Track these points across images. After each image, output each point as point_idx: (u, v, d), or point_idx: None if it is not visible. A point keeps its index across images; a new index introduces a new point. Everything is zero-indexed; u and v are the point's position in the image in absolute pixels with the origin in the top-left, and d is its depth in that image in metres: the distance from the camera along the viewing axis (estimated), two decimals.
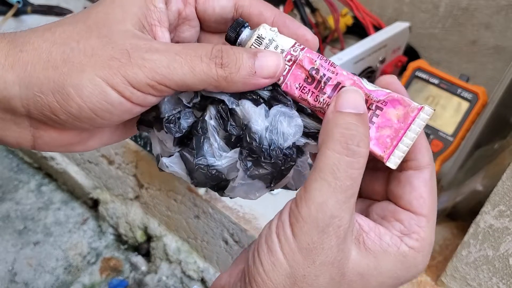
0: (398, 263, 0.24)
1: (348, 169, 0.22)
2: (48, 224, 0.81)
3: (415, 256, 0.24)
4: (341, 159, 0.22)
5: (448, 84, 0.60)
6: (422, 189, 0.25)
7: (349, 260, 0.23)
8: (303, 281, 0.22)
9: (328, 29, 0.77)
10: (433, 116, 0.59)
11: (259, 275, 0.23)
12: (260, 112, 0.24)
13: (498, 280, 0.52)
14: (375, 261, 0.24)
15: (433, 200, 0.25)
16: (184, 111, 0.25)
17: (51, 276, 0.75)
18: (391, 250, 0.24)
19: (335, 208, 0.22)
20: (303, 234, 0.22)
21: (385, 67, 0.67)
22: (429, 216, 0.25)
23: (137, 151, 0.70)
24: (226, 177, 0.25)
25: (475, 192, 0.59)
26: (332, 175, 0.22)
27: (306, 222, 0.22)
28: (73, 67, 0.23)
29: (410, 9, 0.95)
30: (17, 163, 0.90)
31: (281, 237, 0.23)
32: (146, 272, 0.75)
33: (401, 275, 0.24)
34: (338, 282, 0.23)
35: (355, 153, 0.22)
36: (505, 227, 0.49)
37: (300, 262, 0.22)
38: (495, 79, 0.86)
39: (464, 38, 0.91)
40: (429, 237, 0.25)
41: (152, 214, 0.75)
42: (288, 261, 0.22)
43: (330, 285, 0.23)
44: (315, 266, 0.22)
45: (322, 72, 0.25)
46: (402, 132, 0.24)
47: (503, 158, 0.57)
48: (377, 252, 0.24)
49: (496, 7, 0.85)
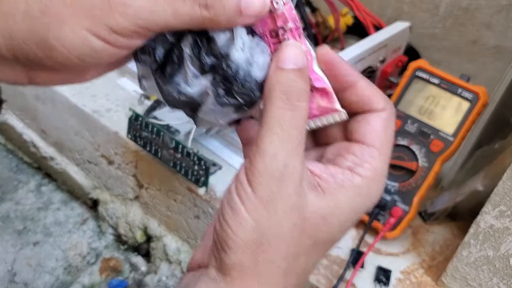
0: (354, 196, 0.25)
1: (292, 121, 0.24)
2: (48, 224, 0.81)
3: (369, 185, 0.26)
4: (285, 113, 0.24)
5: (448, 84, 0.60)
6: (378, 124, 0.26)
7: (309, 205, 0.24)
8: (269, 232, 0.24)
9: (328, 28, 0.77)
10: (433, 116, 0.60)
11: (228, 236, 0.24)
12: (242, 42, 0.24)
13: (498, 280, 0.52)
14: (333, 200, 0.25)
15: (388, 137, 0.27)
16: (159, 38, 0.25)
17: (51, 276, 0.75)
18: (345, 185, 0.25)
19: (287, 157, 0.23)
20: (262, 187, 0.23)
21: (386, 66, 0.67)
22: (382, 149, 0.26)
23: (136, 151, 0.70)
24: (199, 102, 0.25)
25: (475, 192, 0.59)
26: (279, 128, 0.23)
27: (263, 175, 0.23)
28: (53, 17, 0.23)
29: (410, 9, 0.95)
30: (17, 163, 0.90)
31: (242, 196, 0.24)
32: (146, 272, 0.75)
33: (359, 207, 0.26)
34: (301, 228, 0.24)
35: (297, 107, 0.24)
36: (506, 227, 0.49)
37: (263, 215, 0.23)
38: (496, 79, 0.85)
39: (465, 38, 0.91)
40: (381, 167, 0.26)
41: (152, 214, 0.75)
42: (252, 216, 0.24)
43: (294, 231, 0.24)
44: (278, 215, 0.24)
45: (287, 36, 0.25)
46: (313, 116, 0.26)
47: (503, 158, 0.57)
48: (333, 191, 0.25)
49: (496, 7, 0.85)
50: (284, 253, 0.24)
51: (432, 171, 0.58)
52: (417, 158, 0.59)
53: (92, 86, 0.79)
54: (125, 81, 0.80)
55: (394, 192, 0.59)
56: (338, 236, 0.26)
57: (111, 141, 0.73)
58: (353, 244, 0.60)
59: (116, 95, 0.78)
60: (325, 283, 0.55)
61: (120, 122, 0.73)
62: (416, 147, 0.59)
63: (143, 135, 0.64)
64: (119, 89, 0.79)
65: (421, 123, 0.60)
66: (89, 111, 0.74)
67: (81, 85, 0.79)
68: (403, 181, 0.59)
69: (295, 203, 0.24)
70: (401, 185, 0.59)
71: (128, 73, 0.80)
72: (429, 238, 0.63)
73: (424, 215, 0.65)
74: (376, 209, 0.58)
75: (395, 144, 0.60)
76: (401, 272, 0.58)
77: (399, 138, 0.60)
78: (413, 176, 0.59)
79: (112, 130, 0.72)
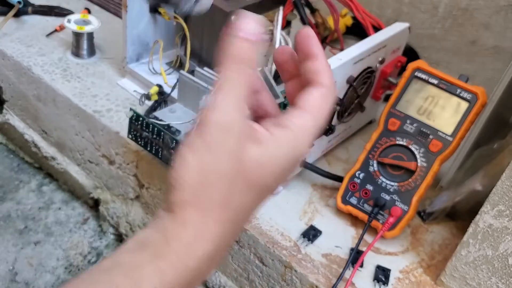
0: (285, 146, 0.29)
1: (239, 82, 0.28)
2: (49, 224, 0.81)
3: (297, 138, 0.30)
4: (234, 76, 0.28)
5: (447, 84, 0.60)
6: (317, 96, 0.31)
7: (247, 152, 0.28)
8: (210, 174, 0.27)
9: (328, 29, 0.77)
10: (432, 116, 0.60)
11: (175, 178, 0.28)
12: None
13: (497, 279, 0.52)
14: (267, 150, 0.29)
15: (322, 109, 0.31)
16: None
17: (52, 276, 0.75)
18: (278, 134, 0.29)
19: (231, 112, 0.28)
20: (207, 135, 0.27)
21: (385, 67, 0.68)
22: (315, 115, 0.30)
23: (137, 151, 0.70)
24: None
25: (474, 192, 0.60)
26: (228, 86, 0.28)
27: (208, 126, 0.27)
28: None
29: (409, 9, 0.95)
30: (18, 163, 0.90)
31: (190, 144, 0.28)
32: None
33: (289, 157, 0.30)
34: (238, 171, 0.28)
35: (243, 73, 0.28)
36: (504, 226, 0.50)
37: (206, 159, 0.27)
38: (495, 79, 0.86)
39: (464, 39, 0.91)
40: (310, 127, 0.30)
41: (153, 214, 0.75)
42: (196, 160, 0.27)
43: (232, 173, 0.28)
44: (219, 159, 0.27)
45: None
46: None
47: (502, 158, 0.57)
48: (268, 140, 0.29)
49: (495, 8, 0.85)
50: (223, 192, 0.28)
51: (431, 171, 0.58)
52: (416, 158, 0.59)
53: (93, 86, 0.79)
54: (126, 81, 0.81)
55: (393, 192, 0.59)
56: (271, 182, 0.30)
57: (112, 141, 0.74)
58: (353, 243, 0.60)
59: (116, 95, 0.78)
60: (325, 282, 0.55)
61: (121, 122, 0.73)
62: (415, 147, 0.59)
63: (143, 135, 0.64)
64: (120, 89, 0.80)
65: (420, 123, 0.60)
66: (90, 111, 0.75)
67: (82, 86, 0.79)
68: (402, 181, 0.59)
69: (235, 150, 0.28)
70: (400, 185, 0.59)
71: (129, 74, 0.80)
72: (428, 238, 0.63)
73: (423, 214, 0.65)
74: (375, 209, 0.59)
75: (394, 143, 0.60)
76: (400, 272, 0.58)
77: (398, 138, 0.60)
78: (412, 176, 0.59)
79: (113, 130, 0.72)
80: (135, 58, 0.79)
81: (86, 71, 0.82)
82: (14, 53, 0.83)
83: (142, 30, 0.77)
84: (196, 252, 0.28)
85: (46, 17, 0.94)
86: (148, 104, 0.72)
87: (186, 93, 0.68)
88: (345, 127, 0.71)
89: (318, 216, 0.63)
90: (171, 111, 0.69)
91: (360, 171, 0.61)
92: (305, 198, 0.65)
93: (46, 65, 0.82)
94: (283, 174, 0.30)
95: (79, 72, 0.82)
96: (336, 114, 0.64)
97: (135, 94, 0.78)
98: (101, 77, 0.82)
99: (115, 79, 0.81)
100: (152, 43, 0.78)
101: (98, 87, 0.79)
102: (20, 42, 0.86)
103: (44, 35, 0.89)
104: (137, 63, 0.80)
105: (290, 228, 0.61)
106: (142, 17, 0.75)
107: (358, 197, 0.60)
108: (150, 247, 0.27)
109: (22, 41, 0.87)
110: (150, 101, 0.72)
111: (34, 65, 0.82)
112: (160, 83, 0.73)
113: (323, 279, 0.56)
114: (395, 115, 0.61)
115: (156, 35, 0.78)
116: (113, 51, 0.87)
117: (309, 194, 0.66)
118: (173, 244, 0.27)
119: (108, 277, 0.27)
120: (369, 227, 0.59)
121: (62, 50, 0.86)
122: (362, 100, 0.69)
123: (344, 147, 0.75)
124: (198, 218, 0.28)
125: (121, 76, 0.82)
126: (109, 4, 0.99)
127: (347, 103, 0.65)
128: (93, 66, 0.84)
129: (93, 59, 0.85)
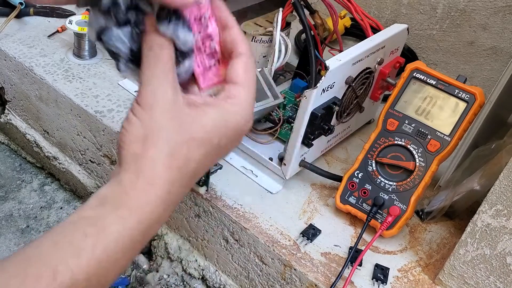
0: (222, 112, 0.34)
1: (162, 61, 0.33)
2: (51, 223, 0.82)
3: (236, 108, 0.34)
4: (156, 58, 0.33)
5: (445, 84, 0.61)
6: (240, 67, 0.35)
7: (183, 109, 0.33)
8: (151, 127, 0.32)
9: (327, 30, 0.77)
10: (430, 116, 0.60)
11: (122, 136, 0.32)
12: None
13: (495, 279, 0.52)
14: (203, 111, 0.33)
15: (249, 75, 0.35)
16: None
17: None
18: (214, 104, 0.34)
19: (159, 82, 0.32)
20: (144, 99, 0.32)
21: (383, 68, 0.68)
22: (245, 84, 0.34)
23: None
24: None
25: (472, 191, 0.60)
26: (154, 65, 0.33)
27: (143, 93, 0.33)
28: None
29: (408, 10, 0.96)
30: (20, 163, 0.91)
31: (132, 109, 0.33)
32: (147, 270, 0.75)
33: (233, 120, 0.34)
34: (178, 121, 0.32)
35: (164, 54, 0.33)
36: (502, 226, 0.50)
37: (146, 116, 0.32)
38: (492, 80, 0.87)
39: (462, 39, 0.92)
40: (245, 96, 0.34)
41: None
42: (138, 118, 0.32)
43: (171, 124, 0.32)
44: (157, 114, 0.32)
45: (207, 22, 0.34)
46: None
47: (500, 158, 0.58)
48: (204, 107, 0.33)
49: (493, 9, 0.86)
50: (165, 140, 0.32)
51: (429, 171, 0.59)
52: (415, 157, 0.60)
53: (95, 87, 0.80)
54: (127, 82, 0.81)
55: (392, 191, 0.60)
56: (217, 141, 0.34)
57: (113, 141, 0.74)
58: (352, 242, 0.61)
59: (118, 96, 0.79)
60: (324, 281, 0.56)
61: (122, 123, 0.73)
62: (413, 147, 0.60)
63: None
64: (121, 89, 0.80)
65: (419, 123, 0.61)
66: (92, 112, 0.75)
67: (83, 86, 0.80)
68: (400, 181, 0.60)
69: (170, 106, 0.32)
70: (398, 184, 0.59)
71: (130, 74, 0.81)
72: (426, 237, 0.64)
73: (421, 214, 0.66)
74: (374, 208, 0.59)
75: (393, 143, 0.61)
76: (398, 270, 0.59)
77: (397, 138, 0.61)
78: (410, 175, 0.59)
79: (114, 130, 0.73)
80: None
81: (88, 72, 0.83)
82: (16, 54, 0.84)
83: None
84: (149, 197, 0.31)
85: (47, 18, 0.95)
86: None
87: None
88: (344, 127, 0.72)
89: (317, 215, 0.64)
90: None
91: (359, 171, 0.62)
92: (304, 198, 0.66)
93: (48, 66, 0.83)
94: (229, 137, 0.34)
95: (80, 72, 0.83)
96: (335, 115, 0.64)
97: (136, 94, 0.79)
98: (102, 78, 0.82)
99: (116, 79, 0.82)
100: None
101: (99, 88, 0.80)
102: (22, 43, 0.87)
103: (46, 36, 0.90)
104: None
105: (289, 227, 0.61)
106: None
107: (357, 197, 0.61)
108: (109, 200, 0.31)
109: (24, 42, 0.87)
110: None
111: (36, 65, 0.82)
112: None
113: (322, 278, 0.56)
114: (393, 115, 0.62)
115: None
116: None
117: (309, 194, 0.67)
118: (130, 193, 0.31)
119: (75, 226, 0.30)
120: (368, 226, 0.59)
121: (64, 51, 0.87)
122: (361, 100, 0.69)
123: (343, 147, 0.75)
124: (148, 166, 0.31)
125: (122, 77, 0.82)
126: None
127: (346, 103, 0.66)
128: (94, 66, 0.84)
129: (95, 59, 0.86)
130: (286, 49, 0.70)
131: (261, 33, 0.69)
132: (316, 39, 0.72)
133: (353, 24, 0.95)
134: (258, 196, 0.65)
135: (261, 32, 0.69)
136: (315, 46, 0.67)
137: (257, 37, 0.70)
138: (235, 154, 0.70)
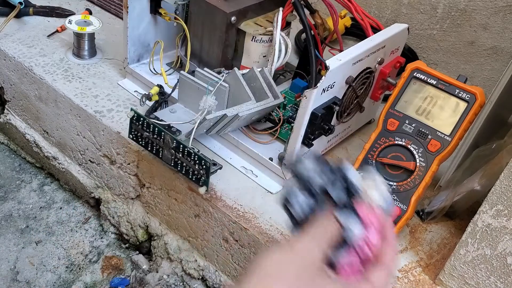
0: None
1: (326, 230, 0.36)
2: (50, 223, 0.81)
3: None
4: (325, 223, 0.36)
5: (446, 84, 0.60)
6: (381, 274, 0.36)
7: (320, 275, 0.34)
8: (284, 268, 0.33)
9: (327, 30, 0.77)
10: (431, 116, 0.60)
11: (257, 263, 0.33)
12: None
13: (495, 279, 0.52)
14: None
15: (385, 277, 0.36)
16: None
17: (53, 275, 0.75)
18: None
19: (316, 246, 0.35)
20: (295, 246, 0.34)
21: (384, 67, 0.68)
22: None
23: (138, 151, 0.71)
24: None
25: (473, 191, 0.60)
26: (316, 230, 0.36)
27: (297, 244, 0.35)
28: None
29: (408, 10, 0.95)
30: (20, 163, 0.91)
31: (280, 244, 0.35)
32: (147, 270, 0.75)
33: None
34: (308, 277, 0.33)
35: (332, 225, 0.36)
36: (503, 226, 0.50)
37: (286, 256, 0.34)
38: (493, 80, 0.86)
39: (462, 39, 0.92)
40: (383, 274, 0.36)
41: (153, 213, 0.75)
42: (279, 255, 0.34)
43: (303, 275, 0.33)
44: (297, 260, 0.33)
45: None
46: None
47: (500, 158, 0.58)
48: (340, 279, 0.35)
49: (493, 8, 0.86)
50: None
51: (430, 171, 0.59)
52: (415, 157, 0.59)
53: (94, 87, 0.80)
54: (127, 82, 0.81)
55: (392, 191, 0.59)
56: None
57: (113, 141, 0.74)
58: None
59: (117, 96, 0.79)
60: None
61: (121, 123, 0.73)
62: (413, 147, 0.60)
63: (144, 135, 0.64)
64: (121, 89, 0.80)
65: (419, 123, 0.60)
66: (91, 112, 0.75)
67: (83, 86, 0.80)
68: (401, 181, 0.60)
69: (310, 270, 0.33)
70: (399, 185, 0.59)
71: (130, 74, 0.81)
72: (427, 237, 0.64)
73: (422, 214, 0.66)
74: None
75: (393, 143, 0.61)
76: (399, 271, 0.59)
77: (397, 138, 0.61)
78: (411, 175, 0.59)
79: (114, 130, 0.73)
80: (135, 59, 0.80)
81: (87, 72, 0.83)
82: (15, 53, 0.84)
83: (142, 31, 0.77)
84: None
85: (47, 18, 0.95)
86: (148, 104, 0.72)
87: (186, 94, 0.69)
88: (344, 127, 0.72)
89: None
90: (172, 111, 0.69)
91: (359, 171, 0.61)
92: None
93: (47, 66, 0.83)
94: None
95: (80, 72, 0.83)
96: (336, 114, 0.64)
97: (136, 94, 0.79)
98: (102, 78, 0.82)
99: (116, 79, 0.82)
100: (153, 44, 0.78)
101: (99, 88, 0.80)
102: (21, 43, 0.87)
103: (45, 36, 0.90)
104: (138, 63, 0.80)
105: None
106: (143, 18, 0.76)
107: None
108: None
109: (23, 41, 0.87)
110: (151, 101, 0.72)
111: (36, 65, 0.82)
112: (160, 84, 0.73)
113: None
114: (394, 115, 0.62)
115: (156, 36, 0.79)
116: (114, 52, 0.88)
117: None
118: None
119: None
120: None
121: (63, 51, 0.87)
122: (361, 100, 0.69)
123: (343, 147, 0.75)
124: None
125: (122, 77, 0.82)
126: (110, 5, 1.00)
127: (346, 103, 0.65)
128: (94, 66, 0.84)
129: (94, 59, 0.86)
130: (286, 49, 0.70)
131: (261, 33, 0.69)
132: (316, 38, 0.72)
133: (353, 23, 0.95)
134: (258, 196, 0.65)
135: (261, 31, 0.69)
136: (315, 45, 0.67)
137: (257, 37, 0.70)
138: (235, 154, 0.70)
